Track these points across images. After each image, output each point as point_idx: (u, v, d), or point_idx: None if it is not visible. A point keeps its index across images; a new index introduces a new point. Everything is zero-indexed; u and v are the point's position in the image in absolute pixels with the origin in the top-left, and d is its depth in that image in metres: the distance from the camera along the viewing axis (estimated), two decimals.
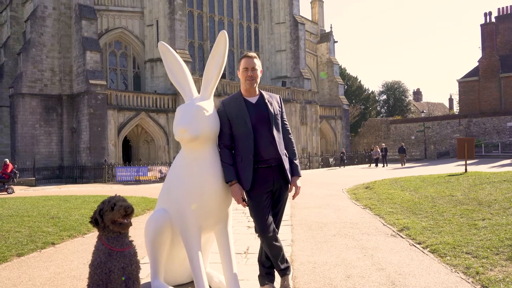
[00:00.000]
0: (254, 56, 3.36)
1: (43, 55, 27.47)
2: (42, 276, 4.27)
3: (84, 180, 25.25)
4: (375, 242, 5.43)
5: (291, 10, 39.04)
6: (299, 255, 4.91)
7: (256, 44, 39.94)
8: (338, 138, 42.08)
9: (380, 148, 31.76)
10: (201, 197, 3.20)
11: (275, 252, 3.32)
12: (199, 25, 35.40)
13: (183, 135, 3.10)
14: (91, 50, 26.59)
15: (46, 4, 27.58)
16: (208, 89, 3.35)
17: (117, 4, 30.32)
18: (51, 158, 27.52)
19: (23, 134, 26.62)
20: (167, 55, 3.43)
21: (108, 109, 26.42)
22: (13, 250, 5.18)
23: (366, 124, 49.30)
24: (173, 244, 3.48)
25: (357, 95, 58.18)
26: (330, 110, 41.90)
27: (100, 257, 2.81)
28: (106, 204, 2.83)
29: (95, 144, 26.03)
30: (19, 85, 26.72)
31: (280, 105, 3.46)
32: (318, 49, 45.62)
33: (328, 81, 44.67)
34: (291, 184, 3.39)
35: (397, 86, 63.22)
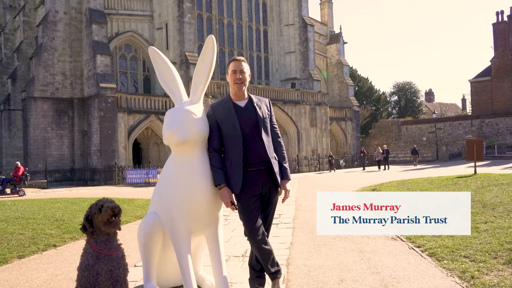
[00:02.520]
0: (242, 60, 3.38)
1: (55, 59, 27.87)
2: (40, 278, 4.33)
3: (95, 182, 25.52)
4: (374, 245, 5.39)
5: (300, 11, 38.99)
6: (296, 258, 4.90)
7: (265, 46, 39.98)
8: (348, 139, 41.85)
9: (382, 149, 30.78)
10: (190, 200, 3.22)
11: (265, 255, 3.33)
12: (208, 27, 35.57)
13: (171, 139, 3.13)
14: (101, 53, 26.90)
15: (58, 9, 28.00)
16: (197, 93, 3.37)
17: (127, 8, 30.63)
18: (62, 160, 27.87)
19: (35, 137, 27.02)
20: (157, 59, 3.47)
21: (118, 112, 26.68)
22: (14, 252, 5.26)
23: (377, 125, 48.94)
24: (165, 247, 3.51)
25: (368, 96, 57.84)
26: (340, 111, 41.71)
27: (88, 260, 2.84)
28: (94, 207, 2.88)
29: (106, 147, 26.30)
30: (31, 88, 27.15)
31: (269, 109, 3.47)
32: (328, 50, 45.46)
33: (338, 82, 44.48)
34: (280, 188, 3.40)
35: (409, 87, 62.66)
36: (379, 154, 30.09)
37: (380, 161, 29.80)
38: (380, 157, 29.86)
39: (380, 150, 30.57)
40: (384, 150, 30.29)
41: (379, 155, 30.09)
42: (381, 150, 30.47)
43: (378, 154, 30.21)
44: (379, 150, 30.72)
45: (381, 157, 29.80)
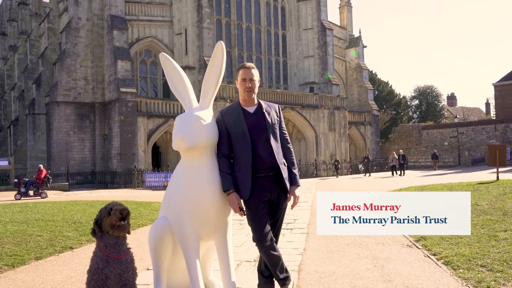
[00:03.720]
0: (252, 67, 3.39)
1: (77, 64, 28.51)
2: (55, 279, 4.42)
3: (115, 185, 25.93)
4: (389, 252, 5.31)
5: (319, 15, 38.90)
6: (308, 264, 4.86)
7: (284, 50, 39.99)
8: (367, 144, 41.41)
9: (397, 154, 29.16)
10: (198, 205, 3.24)
11: (274, 261, 3.32)
12: (227, 32, 35.81)
13: (180, 144, 3.16)
14: (122, 59, 27.39)
15: (80, 16, 28.67)
16: (206, 99, 3.40)
17: (147, 14, 31.13)
18: (84, 163, 28.43)
19: (58, 140, 27.66)
20: (167, 65, 3.51)
21: (138, 116, 27.08)
22: (32, 254, 5.39)
23: (397, 130, 48.28)
24: (175, 251, 3.53)
25: (388, 100, 57.11)
26: (360, 115, 41.33)
27: (97, 263, 2.90)
28: (103, 211, 2.94)
29: (126, 151, 26.71)
30: (55, 93, 27.83)
31: (279, 115, 3.47)
32: (347, 54, 45.17)
33: (357, 86, 44.12)
34: (289, 194, 3.39)
35: (430, 90, 61.64)
36: (394, 159, 28.68)
37: (395, 167, 28.44)
38: (395, 162, 28.46)
39: (395, 155, 29.12)
40: (400, 155, 28.77)
41: (393, 160, 28.68)
42: (396, 155, 29.03)
43: (393, 160, 28.78)
44: (393, 155, 29.28)
45: (396, 162, 28.42)
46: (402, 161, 28.20)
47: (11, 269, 4.80)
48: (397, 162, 28.28)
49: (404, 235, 6.37)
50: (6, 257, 5.14)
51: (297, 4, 39.91)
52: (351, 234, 4.70)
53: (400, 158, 28.37)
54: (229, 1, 36.15)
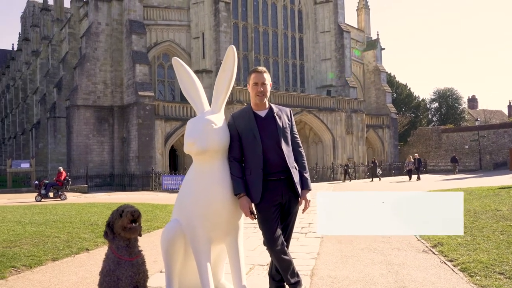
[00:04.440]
0: (264, 71, 3.40)
1: (97, 68, 29.02)
2: (70, 280, 4.49)
3: (133, 188, 26.23)
4: (404, 258, 5.23)
5: (336, 18, 38.72)
6: (321, 269, 4.82)
7: (301, 53, 39.92)
8: (385, 147, 40.93)
9: (413, 158, 28.10)
10: (209, 208, 3.26)
11: (285, 265, 3.30)
12: (244, 36, 35.95)
13: (192, 148, 3.19)
14: (140, 63, 27.75)
15: (100, 21, 29.19)
16: (218, 103, 3.43)
17: (165, 18, 31.50)
18: (102, 166, 28.86)
19: (78, 143, 28.16)
20: (179, 69, 3.55)
21: (156, 119, 27.38)
22: (49, 255, 5.49)
23: (415, 133, 47.56)
24: (187, 254, 3.55)
25: (407, 103, 56.38)
26: (377, 118, 40.91)
27: (109, 265, 2.93)
28: (115, 213, 2.97)
29: (143, 153, 27.01)
30: (75, 97, 28.37)
31: (290, 118, 3.47)
32: (365, 56, 44.82)
33: (375, 89, 43.71)
34: (300, 198, 3.37)
35: (450, 93, 60.59)
36: (410, 163, 27.71)
37: (411, 171, 27.51)
38: (411, 166, 27.51)
39: (411, 159, 28.05)
40: (416, 159, 27.81)
41: (409, 164, 27.71)
42: (412, 159, 27.99)
43: (409, 163, 27.79)
44: (410, 159, 28.23)
45: (412, 166, 27.46)
46: (417, 165, 27.32)
47: (29, 269, 4.90)
48: (413, 166, 27.44)
49: (420, 240, 6.28)
50: (24, 257, 5.24)
51: (314, 7, 39.82)
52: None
53: (415, 162, 27.48)
54: (246, 5, 36.31)
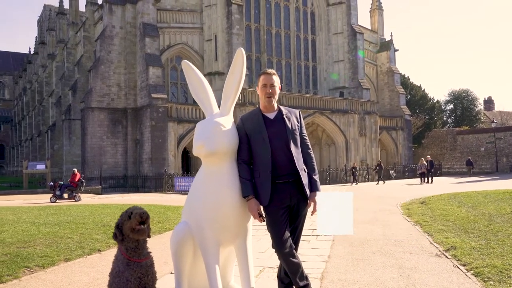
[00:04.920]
0: (273, 73, 3.40)
1: (111, 71, 29.35)
2: (82, 281, 4.54)
3: (146, 189, 26.43)
4: (416, 262, 5.16)
5: (349, 20, 38.54)
6: (331, 272, 4.79)
7: (313, 55, 39.82)
8: (399, 149, 40.52)
9: (425, 160, 27.43)
10: (218, 211, 3.26)
11: (293, 268, 3.28)
12: (257, 38, 36.01)
13: (200, 150, 3.20)
14: (153, 65, 27.99)
15: (114, 24, 29.53)
16: (227, 105, 3.43)
17: (178, 21, 31.73)
18: (116, 168, 29.14)
19: (92, 145, 28.50)
20: (189, 72, 3.56)
21: (169, 121, 27.56)
22: (62, 255, 5.56)
23: (430, 135, 47.00)
24: (196, 256, 3.56)
25: (421, 105, 55.78)
26: (391, 120, 40.54)
27: (118, 267, 2.96)
28: (124, 215, 3.00)
29: (156, 155, 27.21)
30: (89, 99, 28.73)
31: (299, 120, 3.46)
32: (378, 58, 44.49)
33: (389, 90, 43.34)
34: (309, 200, 3.35)
35: (465, 94, 59.76)
36: (423, 166, 27.14)
37: (424, 174, 26.93)
38: (424, 169, 26.94)
39: (423, 161, 27.49)
40: (428, 161, 27.20)
41: (422, 167, 27.15)
42: (424, 161, 27.40)
43: (422, 166, 27.22)
44: (422, 161, 27.70)
45: (425, 169, 26.89)
46: (430, 167, 26.74)
47: (42, 269, 4.97)
48: (426, 169, 26.92)
49: (433, 244, 6.19)
50: (37, 258, 5.32)
51: (327, 8, 39.71)
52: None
53: (428, 164, 26.91)
54: (259, 7, 36.38)
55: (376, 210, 11.01)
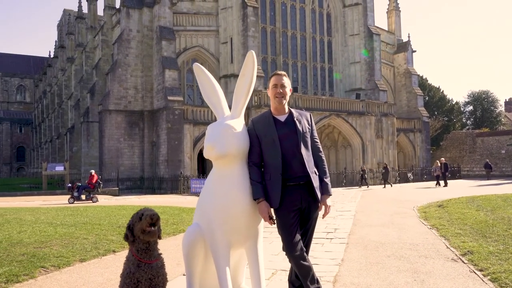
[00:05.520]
0: (283, 74, 3.40)
1: (128, 74, 29.74)
2: (96, 281, 4.60)
3: (162, 191, 26.64)
4: (431, 266, 5.07)
5: (366, 21, 38.23)
6: (344, 275, 4.75)
7: (330, 57, 39.61)
8: (417, 152, 39.95)
9: (440, 163, 26.55)
10: (228, 213, 3.27)
11: (304, 272, 3.26)
12: (272, 40, 36.01)
13: (211, 152, 3.21)
14: (170, 68, 28.25)
15: (131, 28, 29.93)
16: (238, 108, 3.44)
17: (194, 24, 31.97)
18: (133, 169, 29.48)
19: (109, 147, 28.90)
20: (200, 75, 3.58)
21: (185, 123, 27.76)
22: (77, 256, 5.64)
23: (449, 137, 46.24)
24: (207, 258, 3.57)
25: (440, 107, 54.99)
26: (409, 122, 40.01)
27: (129, 268, 2.99)
28: (135, 216, 3.02)
29: (172, 157, 27.42)
30: (107, 102, 29.16)
31: (310, 123, 3.44)
32: (395, 59, 44.01)
33: (406, 92, 42.82)
34: (320, 203, 3.33)
35: (485, 96, 58.64)
36: (437, 168, 26.38)
37: (439, 176, 26.22)
38: (439, 172, 26.18)
39: (438, 164, 26.71)
40: (443, 164, 26.36)
41: (437, 170, 26.37)
42: (439, 164, 26.60)
43: (436, 169, 26.47)
44: (437, 164, 26.92)
45: (439, 172, 26.13)
46: (444, 170, 25.97)
47: (57, 269, 5.06)
48: (440, 172, 26.18)
49: (449, 248, 6.08)
50: (53, 258, 5.41)
51: (343, 10, 39.48)
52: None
53: (442, 167, 26.15)
54: (274, 9, 36.39)
55: (392, 213, 10.87)
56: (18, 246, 6.02)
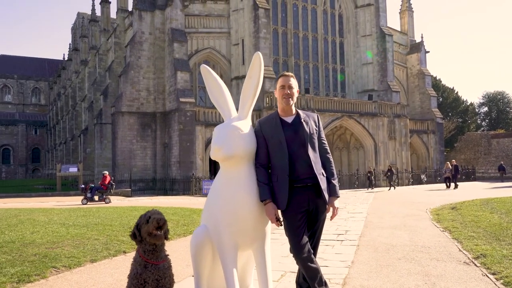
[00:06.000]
0: (290, 75, 3.39)
1: (140, 76, 30.00)
2: (106, 281, 4.64)
3: (174, 192, 26.78)
4: (443, 269, 5.00)
5: (378, 21, 37.97)
6: (353, 278, 4.71)
7: (341, 58, 39.42)
8: (431, 153, 39.48)
9: (450, 164, 25.97)
10: (235, 214, 3.26)
11: (311, 274, 3.24)
12: (284, 41, 35.98)
13: (217, 154, 3.21)
14: (182, 70, 28.42)
15: (143, 30, 30.20)
16: (245, 109, 3.43)
17: (206, 26, 32.13)
18: (145, 171, 29.70)
19: (122, 148, 29.16)
20: (207, 76, 3.59)
21: (196, 125, 27.89)
22: (88, 256, 5.70)
23: (463, 138, 45.64)
24: (215, 259, 3.58)
25: (454, 108, 54.37)
26: (422, 124, 39.59)
27: (136, 268, 3.00)
28: (142, 218, 3.04)
29: (184, 158, 27.56)
30: (120, 104, 29.45)
31: (317, 124, 3.42)
32: (408, 60, 43.61)
33: (419, 93, 42.39)
34: (328, 205, 3.31)
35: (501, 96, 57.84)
36: (447, 170, 25.78)
37: (449, 178, 25.57)
38: (448, 173, 25.57)
39: (448, 165, 26.10)
40: (453, 165, 25.76)
41: (447, 171, 25.78)
42: (449, 165, 26.03)
43: (446, 170, 25.87)
44: (447, 165, 26.25)
45: (449, 173, 25.53)
46: (454, 172, 25.43)
47: (68, 270, 5.11)
48: (450, 173, 25.60)
49: (462, 251, 5.99)
50: (65, 258, 5.47)
51: (355, 11, 39.27)
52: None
53: (452, 168, 25.58)
54: (286, 11, 36.36)
55: (405, 215, 10.75)
56: (30, 246, 6.10)
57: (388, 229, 8.38)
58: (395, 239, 7.19)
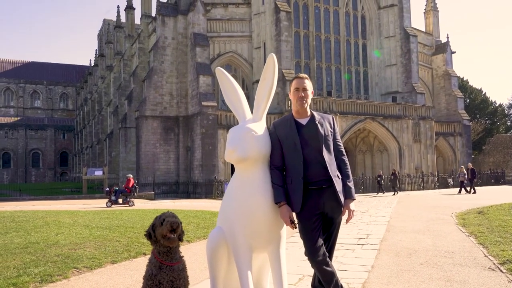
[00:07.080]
0: (305, 77, 3.37)
1: (163, 80, 30.45)
2: (125, 283, 4.70)
3: (197, 195, 27.00)
4: (466, 275, 4.85)
5: (402, 22, 37.39)
6: (373, 282, 4.62)
7: (364, 60, 38.99)
8: (457, 156, 38.52)
9: (466, 169, 24.94)
10: (250, 217, 3.25)
11: (327, 277, 3.20)
12: (305, 44, 35.86)
13: (232, 156, 3.21)
14: (204, 74, 28.69)
15: (166, 35, 30.66)
16: (259, 111, 3.43)
17: (228, 30, 32.36)
18: (168, 174, 30.06)
19: (146, 152, 29.62)
20: (223, 79, 3.61)
21: (218, 128, 28.07)
22: (109, 258, 5.79)
23: (492, 141, 44.32)
24: (230, 262, 3.57)
25: (482, 109, 52.95)
26: (448, 126, 38.69)
27: (151, 270, 3.03)
28: (157, 219, 3.06)
29: (207, 162, 27.76)
30: (143, 108, 29.94)
31: (333, 126, 3.38)
32: (433, 61, 42.75)
33: (445, 94, 41.48)
34: (344, 207, 3.26)
35: None
36: (461, 174, 24.74)
37: (463, 183, 24.44)
38: (463, 178, 24.48)
39: (463, 169, 25.12)
40: (469, 170, 24.56)
41: (461, 175, 24.73)
42: (464, 170, 24.96)
43: (461, 174, 24.80)
44: (462, 169, 25.26)
45: (464, 178, 24.43)
46: (471, 176, 24.19)
47: (89, 270, 5.21)
48: (465, 178, 24.51)
49: (487, 256, 5.80)
50: (86, 259, 5.58)
51: (378, 12, 38.80)
52: None
53: (468, 172, 24.44)
54: (307, 13, 36.26)
55: (429, 219, 10.50)
56: (54, 247, 6.25)
57: (411, 233, 8.21)
58: (418, 244, 7.03)
